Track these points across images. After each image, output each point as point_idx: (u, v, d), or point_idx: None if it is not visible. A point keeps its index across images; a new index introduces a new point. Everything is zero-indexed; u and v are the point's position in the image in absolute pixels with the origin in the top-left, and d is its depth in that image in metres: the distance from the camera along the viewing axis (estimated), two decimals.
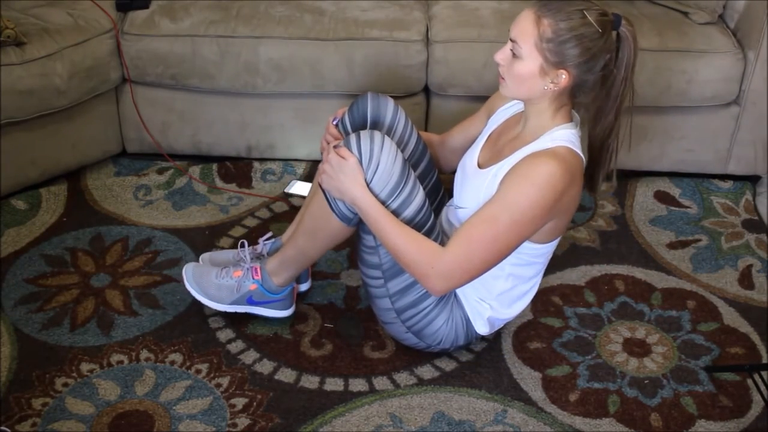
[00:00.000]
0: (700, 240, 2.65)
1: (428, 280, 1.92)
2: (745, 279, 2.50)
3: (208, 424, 2.01)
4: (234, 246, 2.51)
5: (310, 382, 2.13)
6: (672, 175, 2.87)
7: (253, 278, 2.20)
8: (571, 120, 1.95)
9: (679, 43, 2.68)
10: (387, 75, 2.71)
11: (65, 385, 2.09)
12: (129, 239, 2.55)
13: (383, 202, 1.94)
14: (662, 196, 2.82)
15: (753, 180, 2.88)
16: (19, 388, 2.08)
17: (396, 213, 1.95)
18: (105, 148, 2.85)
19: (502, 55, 1.91)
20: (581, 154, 1.92)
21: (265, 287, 2.20)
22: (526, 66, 1.86)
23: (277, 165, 2.88)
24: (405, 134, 2.19)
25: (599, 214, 2.73)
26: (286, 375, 2.15)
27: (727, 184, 2.86)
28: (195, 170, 2.85)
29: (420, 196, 1.98)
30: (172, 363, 2.16)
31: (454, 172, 2.21)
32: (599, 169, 2.00)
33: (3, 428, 1.96)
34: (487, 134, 2.11)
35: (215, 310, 2.24)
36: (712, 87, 2.70)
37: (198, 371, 2.14)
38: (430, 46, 2.71)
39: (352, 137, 1.95)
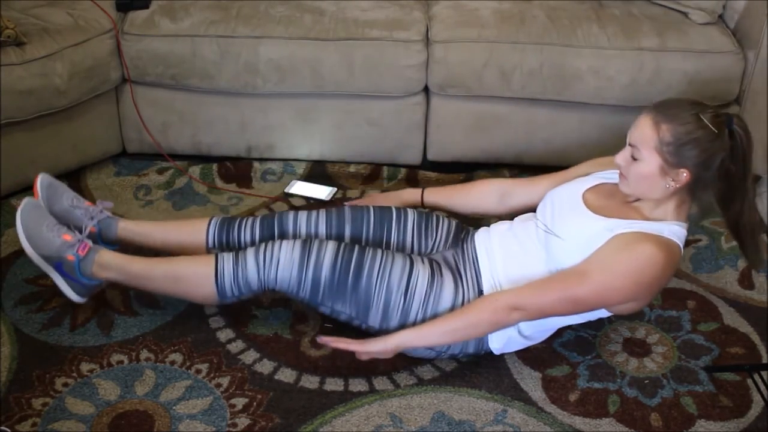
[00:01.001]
0: (700, 240, 2.65)
1: (510, 321, 2.03)
2: (745, 279, 2.50)
3: (208, 424, 2.01)
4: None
5: (310, 382, 2.13)
6: None
7: (77, 252, 2.15)
8: (686, 220, 2.03)
9: (679, 43, 2.68)
10: (387, 75, 2.71)
11: (65, 385, 2.09)
12: None
13: (297, 284, 2.07)
14: None
15: (753, 180, 2.87)
16: (19, 388, 2.08)
17: (315, 281, 2.06)
18: (105, 148, 2.85)
19: (622, 158, 1.99)
20: (682, 253, 2.02)
21: (80, 266, 2.16)
22: (647, 167, 1.95)
23: (277, 165, 2.88)
24: (311, 230, 2.25)
25: None
26: (286, 375, 2.15)
27: None
28: (195, 170, 2.85)
29: (329, 250, 2.08)
30: (172, 363, 2.16)
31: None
32: (744, 246, 2.06)
33: (3, 428, 1.96)
34: (599, 181, 2.14)
35: (25, 251, 2.18)
36: (712, 87, 2.70)
37: (198, 371, 2.14)
38: (430, 46, 2.71)
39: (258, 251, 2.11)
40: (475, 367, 2.18)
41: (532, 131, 2.82)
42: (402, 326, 2.08)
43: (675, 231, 1.99)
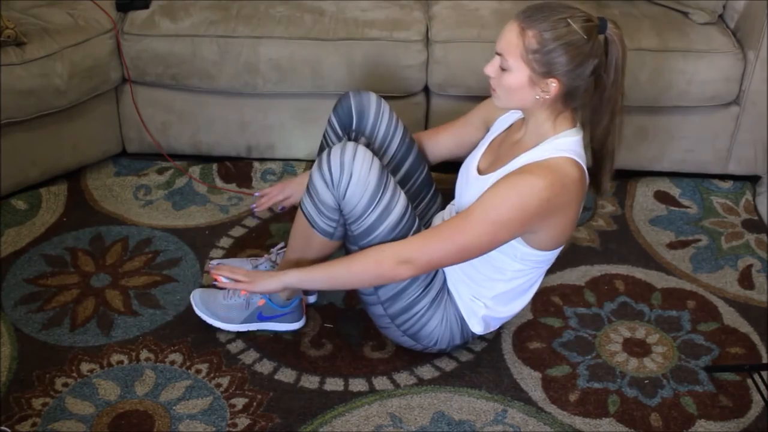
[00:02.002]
0: (700, 240, 2.65)
1: (396, 275, 1.94)
2: (745, 279, 2.50)
3: (208, 424, 2.01)
4: (231, 252, 2.50)
5: (310, 382, 2.13)
6: (672, 175, 2.87)
7: (261, 294, 2.19)
8: (574, 126, 1.93)
9: (679, 43, 2.68)
10: (387, 75, 2.71)
11: (65, 385, 2.09)
12: (129, 239, 2.55)
13: (363, 213, 1.96)
14: (662, 196, 2.82)
15: (753, 180, 2.88)
16: (19, 388, 2.08)
17: (377, 222, 1.96)
18: (105, 148, 2.85)
19: (491, 68, 1.90)
20: (583, 164, 1.91)
21: (273, 302, 2.20)
22: (515, 78, 1.85)
23: (277, 165, 2.88)
24: (389, 129, 2.21)
25: (599, 214, 2.73)
26: (286, 375, 2.15)
27: (727, 184, 2.86)
28: (195, 170, 2.85)
29: (401, 203, 1.98)
30: (172, 363, 2.16)
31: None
32: (602, 171, 1.99)
33: (3, 428, 1.96)
34: (489, 141, 2.11)
35: (229, 331, 2.24)
36: (712, 87, 2.70)
37: (198, 371, 2.14)
38: (430, 46, 2.71)
39: (324, 154, 1.98)
40: (475, 367, 2.18)
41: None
42: (402, 310, 2.06)
43: (563, 144, 1.89)
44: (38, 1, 2.71)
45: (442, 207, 2.30)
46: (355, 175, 1.94)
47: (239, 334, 2.24)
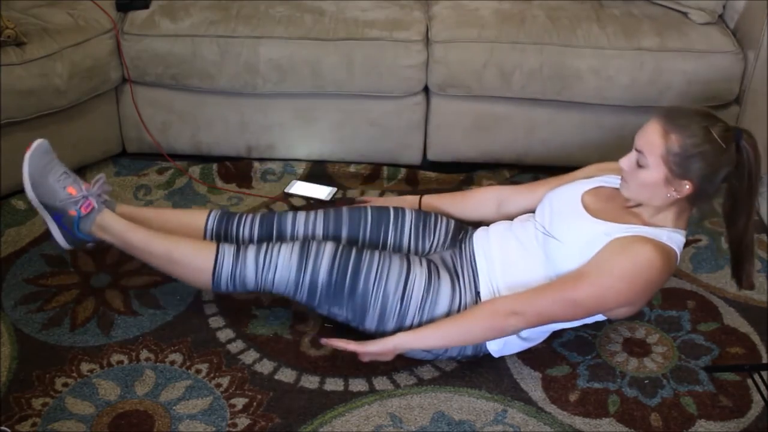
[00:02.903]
0: (700, 240, 2.65)
1: (507, 326, 2.01)
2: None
3: (208, 424, 2.01)
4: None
5: (310, 382, 2.13)
6: None
7: (79, 208, 2.15)
8: (686, 228, 2.03)
9: (679, 43, 2.68)
10: (387, 75, 2.71)
11: (65, 385, 2.09)
12: None
13: (295, 287, 2.08)
14: None
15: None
16: (19, 388, 2.08)
17: (312, 284, 2.07)
18: (105, 148, 2.85)
19: (627, 163, 1.98)
20: (678, 260, 2.02)
21: (80, 223, 2.17)
22: (652, 175, 1.94)
23: (277, 165, 2.88)
24: (308, 231, 2.25)
25: None
26: (286, 375, 2.15)
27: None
28: (195, 170, 2.85)
29: (327, 253, 2.08)
30: (172, 363, 2.16)
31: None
32: (741, 266, 2.05)
33: (3, 428, 1.96)
34: (597, 184, 2.13)
35: (26, 192, 2.19)
36: (712, 87, 2.70)
37: (198, 371, 2.14)
38: (430, 46, 2.71)
39: (263, 251, 2.12)
40: (475, 367, 2.18)
41: (532, 131, 2.82)
42: (399, 329, 2.08)
43: (673, 238, 1.99)
44: (38, 1, 2.72)
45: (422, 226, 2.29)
46: (279, 268, 2.08)
47: (239, 334, 2.24)
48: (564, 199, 2.12)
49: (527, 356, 2.22)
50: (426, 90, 2.79)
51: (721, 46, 2.69)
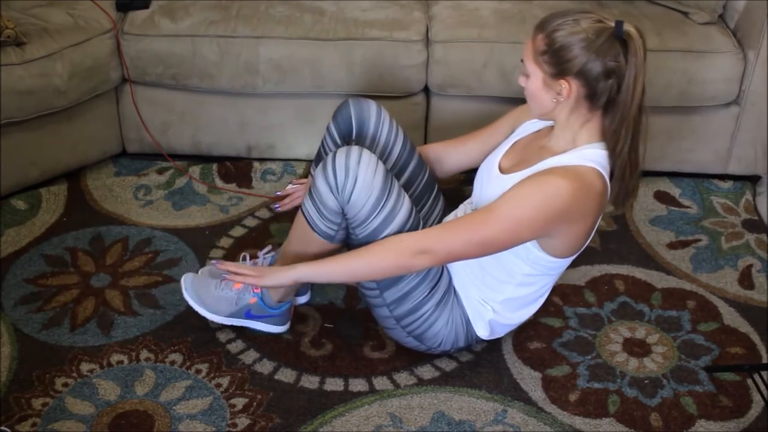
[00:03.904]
0: (700, 240, 2.65)
1: (414, 265, 1.95)
2: (745, 279, 2.50)
3: (208, 424, 2.01)
4: (231, 253, 2.50)
5: (310, 382, 2.13)
6: (672, 175, 2.87)
7: (253, 292, 2.18)
8: (602, 140, 1.92)
9: (679, 43, 2.68)
10: (387, 75, 2.71)
11: (65, 385, 2.09)
12: (129, 239, 2.55)
13: (367, 217, 1.96)
14: (662, 196, 2.82)
15: (753, 180, 2.88)
16: (19, 388, 2.08)
17: (381, 226, 1.96)
18: (105, 148, 2.85)
19: (521, 78, 1.94)
20: (607, 177, 1.91)
21: (264, 302, 2.19)
22: (532, 82, 1.89)
23: (277, 165, 2.88)
24: (390, 137, 2.21)
25: None
26: (286, 375, 2.15)
27: (727, 184, 2.86)
28: (195, 170, 2.85)
29: (405, 207, 1.98)
30: (172, 363, 2.16)
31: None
32: (624, 184, 1.94)
33: (3, 428, 1.96)
34: (513, 141, 2.11)
35: (212, 321, 2.22)
36: (712, 87, 2.70)
37: (198, 371, 2.14)
38: (430, 46, 2.71)
39: (329, 157, 1.97)
40: (475, 367, 2.18)
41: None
42: (409, 312, 2.06)
43: (587, 155, 1.89)
44: (38, 1, 2.71)
45: (447, 208, 2.29)
46: (360, 180, 1.94)
47: (239, 334, 2.24)
48: (485, 170, 2.10)
49: (527, 356, 2.22)
50: (426, 90, 2.79)
51: (721, 46, 2.69)
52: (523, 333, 2.28)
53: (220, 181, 2.83)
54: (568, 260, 2.03)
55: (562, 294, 2.41)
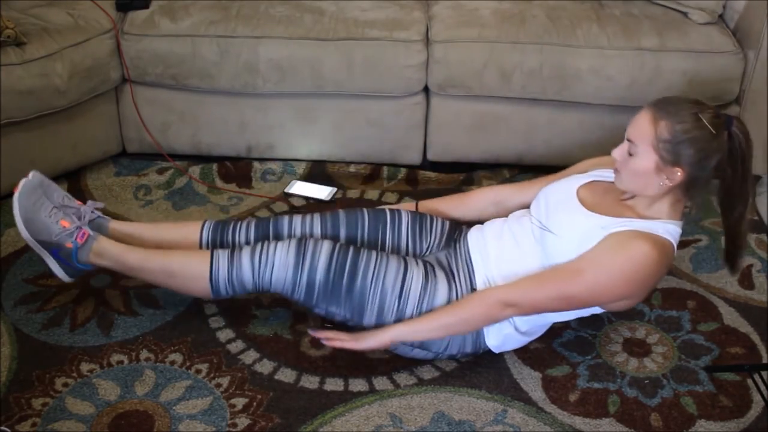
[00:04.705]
0: (700, 240, 2.65)
1: (503, 317, 2.05)
2: (745, 279, 2.50)
3: (208, 424, 2.01)
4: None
5: (310, 382, 2.13)
6: None
7: (75, 239, 2.16)
8: (681, 219, 2.02)
9: (679, 43, 2.68)
10: (387, 75, 2.71)
11: (65, 385, 2.09)
12: None
13: (292, 286, 2.07)
14: None
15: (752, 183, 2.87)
16: (19, 388, 2.08)
17: (310, 283, 2.06)
18: (105, 148, 2.85)
19: (619, 152, 1.98)
20: (675, 252, 2.02)
21: (78, 254, 2.17)
22: (643, 164, 1.94)
23: (277, 165, 2.88)
24: (304, 224, 2.25)
25: None
26: (286, 375, 2.15)
27: None
28: (195, 170, 2.85)
29: (324, 252, 2.07)
30: (172, 363, 2.16)
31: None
32: (738, 253, 2.08)
33: (3, 428, 1.96)
34: (591, 179, 2.13)
35: (22, 236, 2.18)
36: (712, 87, 2.70)
37: (198, 371, 2.14)
38: (430, 46, 2.71)
39: (257, 250, 2.11)
40: (475, 367, 2.18)
41: (532, 131, 2.82)
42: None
43: (669, 230, 1.99)
44: (38, 1, 2.72)
45: (416, 227, 2.27)
46: (276, 265, 2.08)
47: (239, 334, 2.24)
48: (559, 194, 2.12)
49: (527, 356, 2.22)
50: (426, 90, 2.79)
51: (721, 46, 2.69)
52: None
53: (220, 181, 2.83)
54: (602, 311, 2.11)
55: None
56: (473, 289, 2.10)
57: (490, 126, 2.81)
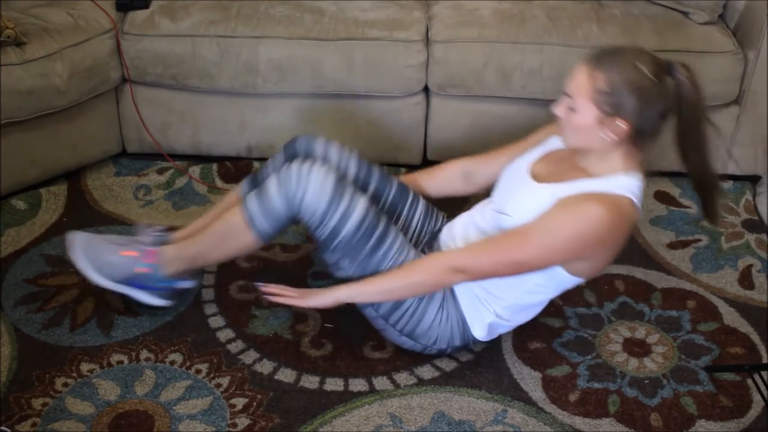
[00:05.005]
0: (700, 240, 2.65)
1: (451, 282, 2.03)
2: (745, 279, 2.50)
3: (208, 424, 2.01)
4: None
5: (310, 382, 2.13)
6: (672, 175, 2.87)
7: (147, 262, 2.17)
8: (640, 170, 1.97)
9: (679, 43, 2.68)
10: (387, 75, 2.71)
11: (65, 385, 2.09)
12: None
13: (322, 219, 2.01)
14: (662, 196, 2.82)
15: (753, 180, 2.88)
16: (19, 388, 2.08)
17: (337, 228, 2.01)
18: (105, 148, 2.85)
19: (560, 109, 1.94)
20: (640, 209, 1.95)
21: (158, 272, 2.18)
22: (583, 118, 1.89)
23: None
24: (342, 157, 2.23)
25: None
26: (286, 375, 2.15)
27: (727, 184, 2.86)
28: (195, 170, 2.85)
29: (360, 207, 2.03)
30: (172, 363, 2.16)
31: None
32: (711, 203, 2.02)
33: (3, 428, 1.96)
34: (545, 151, 2.11)
35: (98, 283, 2.19)
36: (712, 87, 2.69)
37: (198, 371, 2.14)
38: (430, 46, 2.71)
39: (284, 168, 2.05)
40: (475, 367, 2.18)
41: (532, 131, 2.81)
42: (392, 308, 2.08)
43: (623, 184, 1.92)
44: (38, 1, 2.71)
45: (431, 211, 2.29)
46: (311, 188, 2.01)
47: (239, 334, 2.24)
48: (513, 173, 2.11)
49: (527, 356, 2.22)
50: (426, 90, 2.79)
51: (721, 46, 2.69)
52: (523, 333, 2.28)
53: (220, 181, 2.83)
54: (582, 280, 2.06)
55: (562, 294, 2.41)
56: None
57: (490, 126, 2.81)
